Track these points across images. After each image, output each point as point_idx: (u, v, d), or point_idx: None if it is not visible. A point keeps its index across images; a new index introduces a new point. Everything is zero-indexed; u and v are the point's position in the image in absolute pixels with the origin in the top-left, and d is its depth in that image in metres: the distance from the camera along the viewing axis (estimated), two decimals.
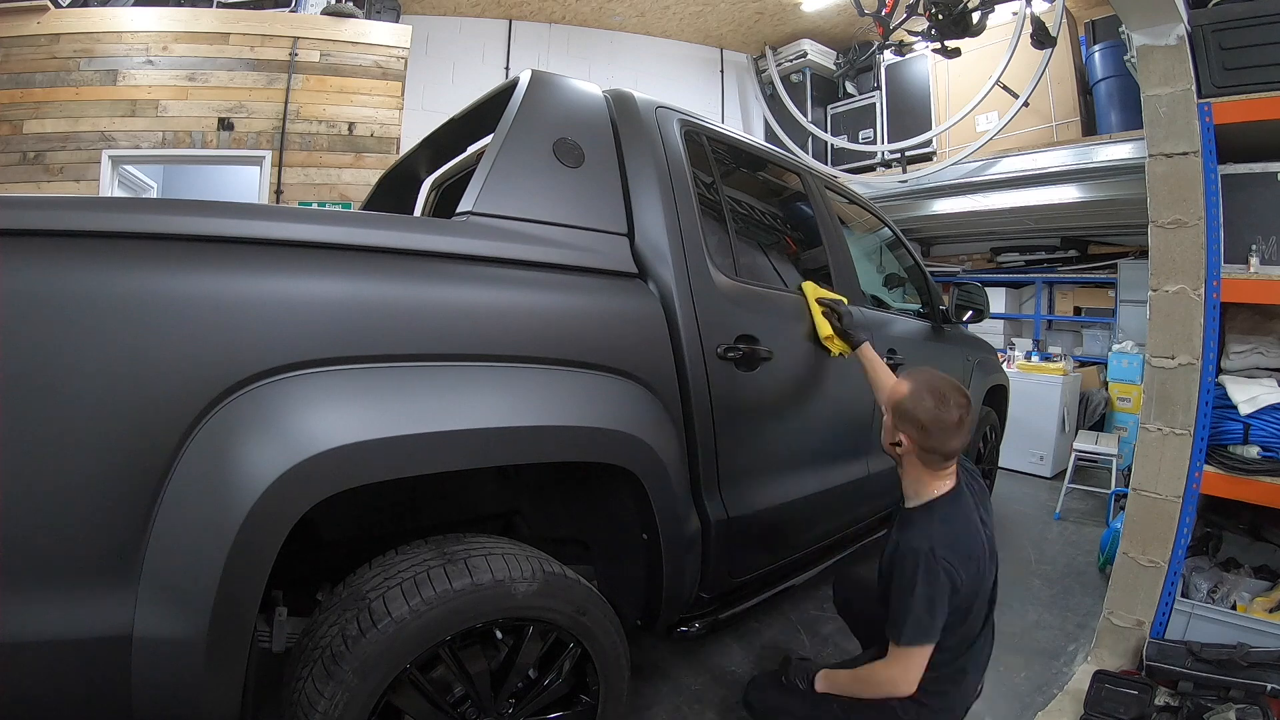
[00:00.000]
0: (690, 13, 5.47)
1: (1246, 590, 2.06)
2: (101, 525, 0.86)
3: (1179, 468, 1.99)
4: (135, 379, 0.87)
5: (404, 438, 1.03)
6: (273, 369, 0.95)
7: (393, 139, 4.13)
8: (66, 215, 0.88)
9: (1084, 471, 4.03)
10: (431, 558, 1.13)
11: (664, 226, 1.51)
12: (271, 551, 0.93)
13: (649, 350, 1.42)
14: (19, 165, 3.66)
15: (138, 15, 3.89)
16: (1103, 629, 2.14)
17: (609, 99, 1.60)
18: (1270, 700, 1.72)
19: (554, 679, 1.25)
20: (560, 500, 1.62)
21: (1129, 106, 3.91)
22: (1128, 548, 2.10)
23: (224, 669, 0.92)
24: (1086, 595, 2.66)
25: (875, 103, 5.46)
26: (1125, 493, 2.27)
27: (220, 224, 0.98)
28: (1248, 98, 1.88)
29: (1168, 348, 1.99)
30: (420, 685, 1.09)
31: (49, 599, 0.83)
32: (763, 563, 1.82)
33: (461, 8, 5.13)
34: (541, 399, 1.21)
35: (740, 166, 2.13)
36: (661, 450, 1.37)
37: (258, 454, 0.91)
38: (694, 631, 1.64)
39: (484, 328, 1.18)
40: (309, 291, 1.01)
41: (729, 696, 1.88)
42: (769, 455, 1.78)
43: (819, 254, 2.19)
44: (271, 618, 1.13)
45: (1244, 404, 1.94)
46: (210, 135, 3.88)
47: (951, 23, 3.77)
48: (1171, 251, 1.99)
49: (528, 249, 1.30)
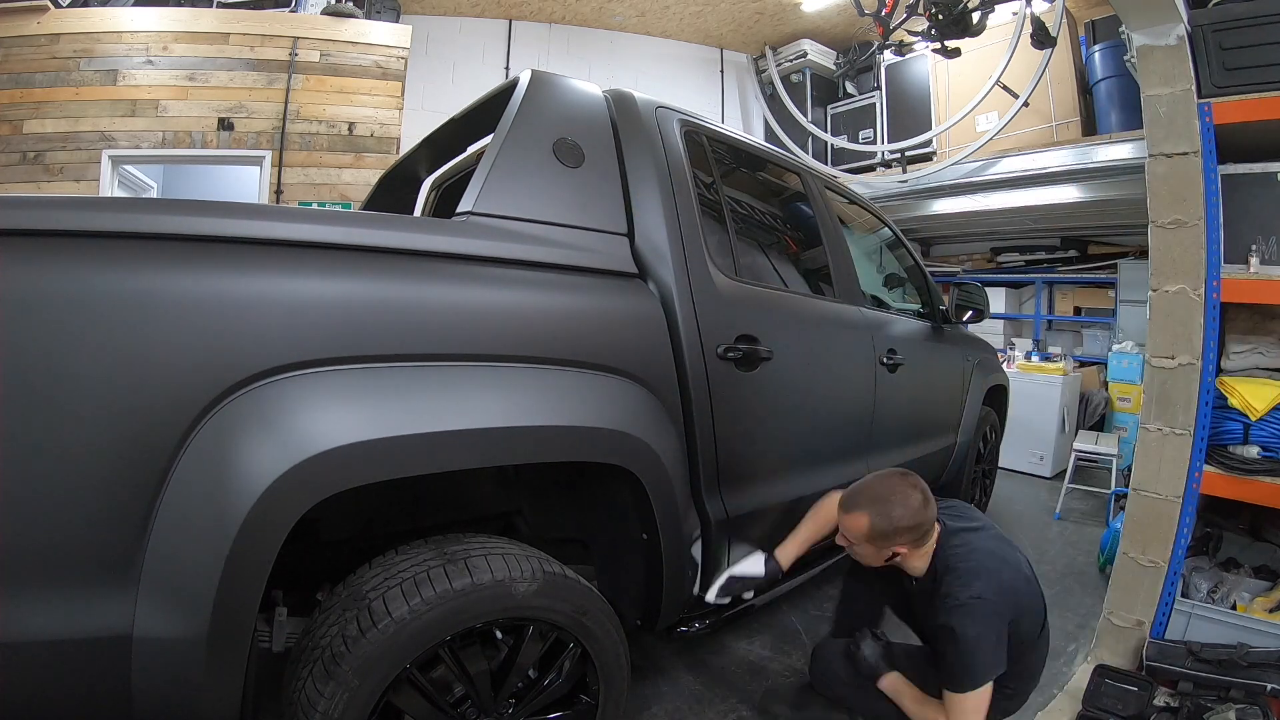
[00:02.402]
0: (690, 13, 5.47)
1: (1246, 590, 2.06)
2: (102, 525, 0.86)
3: (1179, 468, 1.99)
4: (135, 379, 0.87)
5: (404, 438, 1.03)
6: (273, 369, 0.95)
7: (393, 139, 4.13)
8: (66, 215, 0.88)
9: (1084, 471, 4.02)
10: (431, 558, 1.13)
11: (664, 226, 1.51)
12: (271, 552, 0.93)
13: (649, 350, 1.42)
14: (19, 165, 3.66)
15: (138, 15, 3.89)
16: (1102, 629, 2.14)
17: (609, 99, 1.60)
18: (1270, 700, 1.72)
19: (554, 679, 1.25)
20: (560, 500, 1.62)
21: (1129, 106, 3.91)
22: (1128, 548, 2.09)
23: (224, 669, 0.92)
24: (1086, 595, 2.66)
25: (875, 103, 5.46)
26: (1125, 493, 2.27)
27: (220, 224, 0.97)
28: (1248, 98, 1.88)
29: (1168, 348, 1.99)
30: (420, 685, 1.09)
31: (49, 599, 0.83)
32: None
33: (461, 8, 5.13)
34: (541, 399, 1.21)
35: (740, 166, 2.13)
36: (661, 450, 1.37)
37: (258, 454, 0.91)
38: (694, 631, 1.64)
39: (484, 328, 1.18)
40: (309, 291, 1.01)
41: (729, 696, 1.88)
42: (769, 455, 1.78)
43: (819, 254, 2.19)
44: (271, 618, 1.13)
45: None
46: (210, 135, 3.88)
47: (951, 23, 3.77)
48: (1171, 251, 1.99)
49: (528, 249, 1.30)
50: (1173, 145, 1.99)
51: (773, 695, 1.88)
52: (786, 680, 1.97)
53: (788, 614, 2.40)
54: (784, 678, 1.99)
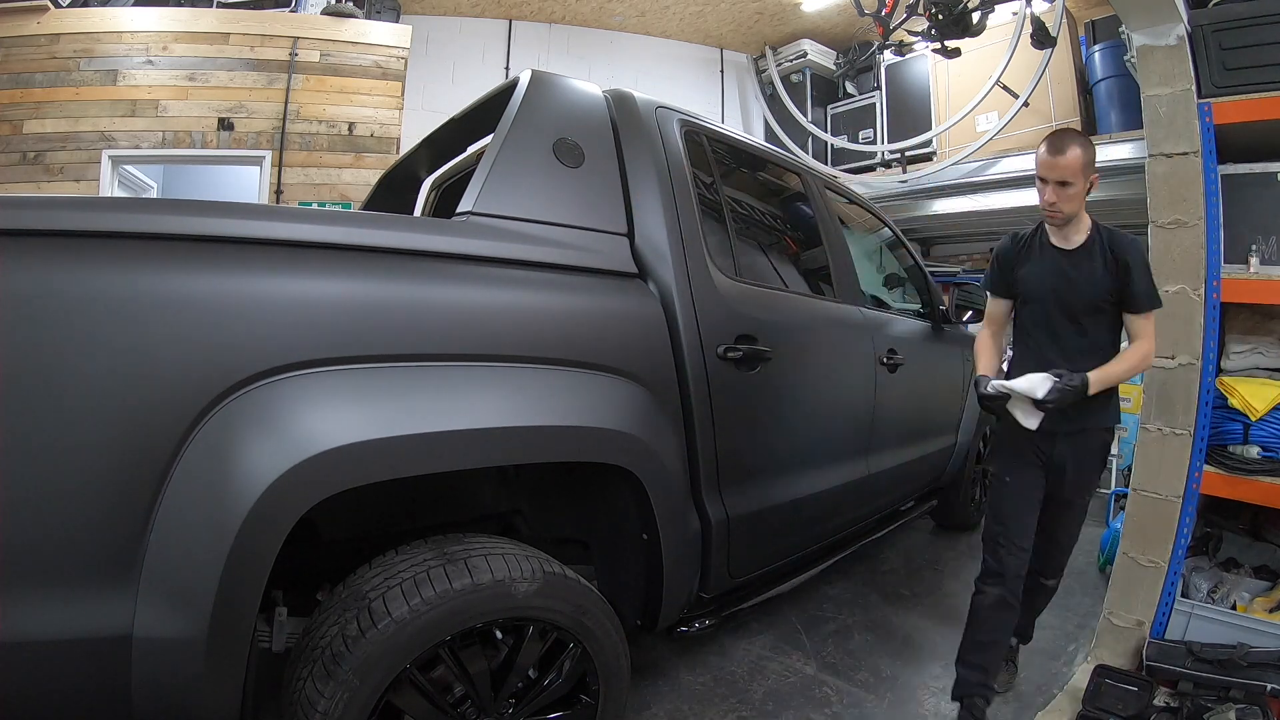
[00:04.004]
0: (690, 13, 5.47)
1: (1246, 590, 2.05)
2: (102, 525, 0.86)
3: (1179, 468, 1.99)
4: (135, 379, 0.87)
5: (404, 438, 1.03)
6: (272, 369, 0.95)
7: (393, 139, 4.13)
8: (66, 215, 0.88)
9: None
10: (431, 558, 1.12)
11: (664, 226, 1.51)
12: (272, 552, 0.93)
13: (649, 350, 1.42)
14: (19, 165, 3.66)
15: (138, 15, 3.89)
16: (1102, 629, 2.14)
17: (609, 99, 1.60)
18: (1270, 700, 1.72)
19: (554, 679, 1.25)
20: (560, 500, 1.62)
21: (1129, 106, 3.91)
22: (1128, 548, 2.09)
23: (224, 669, 0.92)
24: (1086, 595, 2.65)
25: (875, 103, 5.46)
26: (1125, 493, 2.27)
27: (220, 224, 0.98)
28: (1248, 98, 1.88)
29: (1168, 348, 1.99)
30: (420, 685, 1.09)
31: (49, 599, 0.83)
32: (763, 563, 1.82)
33: (461, 8, 5.13)
34: (541, 399, 1.21)
35: (740, 166, 2.13)
36: (661, 450, 1.37)
37: (258, 454, 0.91)
38: (694, 631, 1.64)
39: (484, 328, 1.18)
40: (309, 292, 1.01)
41: (729, 696, 1.88)
42: (769, 455, 1.78)
43: (819, 254, 2.19)
44: (271, 618, 1.13)
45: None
46: (210, 135, 3.88)
47: (951, 23, 3.77)
48: (1171, 251, 1.99)
49: (528, 249, 1.30)
50: (1173, 145, 1.99)
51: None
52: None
53: (788, 614, 2.40)
54: (785, 678, 1.99)
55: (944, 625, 2.35)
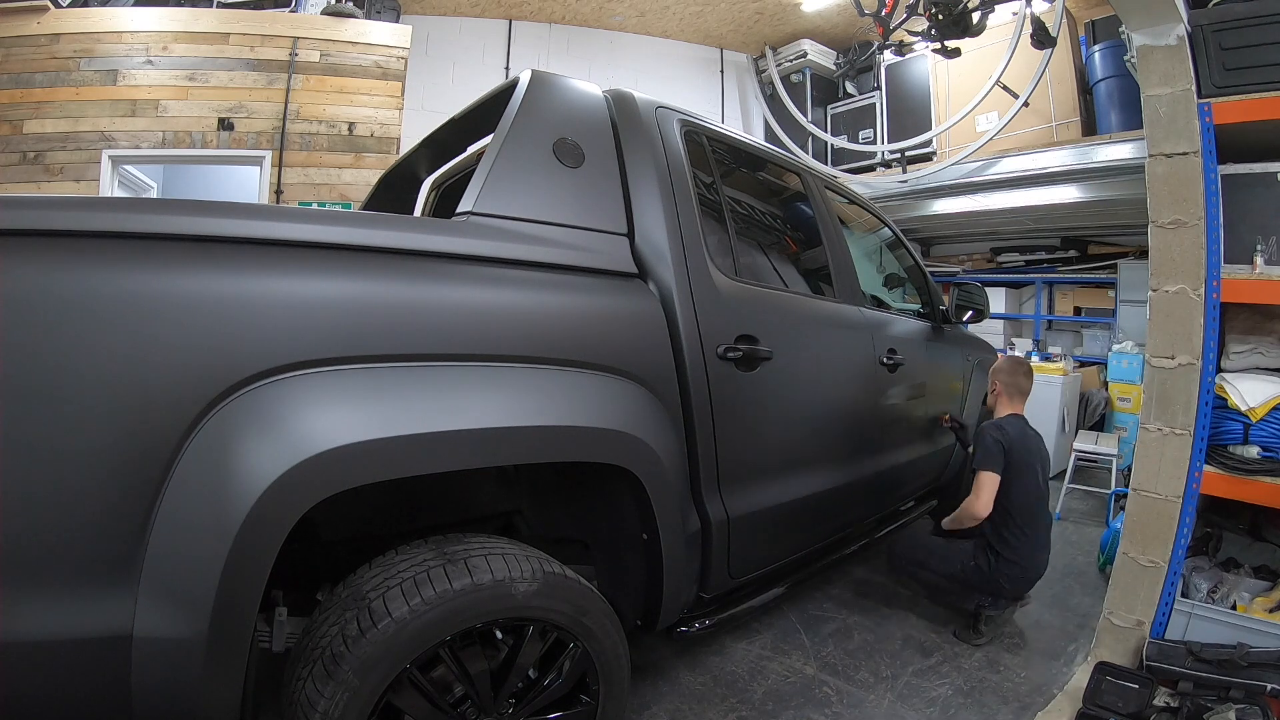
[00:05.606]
0: (690, 13, 5.47)
1: (1246, 590, 2.05)
2: (102, 525, 0.86)
3: (1179, 468, 1.98)
4: (135, 379, 0.87)
5: (404, 438, 1.03)
6: (272, 369, 0.95)
7: (393, 139, 4.13)
8: (66, 215, 0.88)
9: (1084, 471, 4.03)
10: (431, 558, 1.12)
11: (664, 226, 1.51)
12: (271, 552, 0.93)
13: (649, 350, 1.42)
14: (19, 165, 3.66)
15: (138, 15, 3.89)
16: (1102, 629, 2.13)
17: (609, 99, 1.60)
18: (1270, 700, 1.72)
19: (554, 679, 1.25)
20: (560, 500, 1.62)
21: (1129, 106, 3.90)
22: (1128, 548, 2.09)
23: (224, 669, 0.92)
24: (1086, 595, 2.66)
25: (875, 103, 5.46)
26: (1125, 493, 2.27)
27: (220, 224, 0.98)
28: (1248, 98, 1.88)
29: (1168, 348, 1.99)
30: (420, 685, 1.09)
31: (49, 599, 0.83)
32: (763, 563, 1.82)
33: (461, 8, 5.13)
34: (541, 399, 1.21)
35: (740, 166, 2.13)
36: (661, 450, 1.37)
37: (258, 454, 0.91)
38: (694, 631, 1.64)
39: (484, 328, 1.18)
40: (309, 292, 1.01)
41: (729, 696, 1.88)
42: (769, 455, 1.78)
43: (819, 254, 2.19)
44: (271, 618, 1.13)
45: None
46: (210, 135, 3.88)
47: (951, 23, 3.77)
48: (1171, 251, 1.99)
49: (527, 249, 1.30)
50: (1173, 145, 1.99)
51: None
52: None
53: (788, 614, 2.40)
54: (785, 678, 1.99)
55: (944, 625, 2.35)
